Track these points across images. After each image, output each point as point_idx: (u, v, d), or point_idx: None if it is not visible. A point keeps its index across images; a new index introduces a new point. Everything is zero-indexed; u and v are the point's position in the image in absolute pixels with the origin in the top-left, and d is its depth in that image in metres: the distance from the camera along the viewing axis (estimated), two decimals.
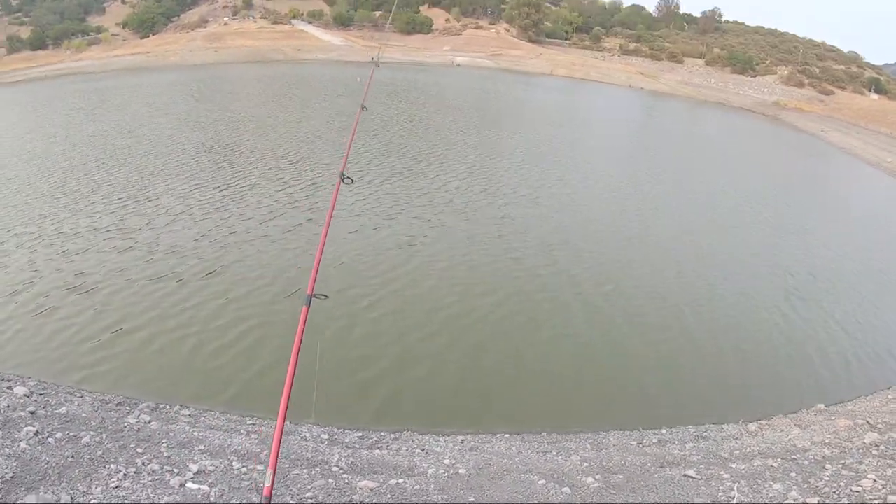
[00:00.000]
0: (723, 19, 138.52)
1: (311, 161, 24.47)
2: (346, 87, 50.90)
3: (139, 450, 7.55)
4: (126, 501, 6.27)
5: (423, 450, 8.72)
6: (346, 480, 7.44)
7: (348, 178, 5.86)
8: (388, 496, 7.14)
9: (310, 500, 6.87)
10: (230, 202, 19.05)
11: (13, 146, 28.87)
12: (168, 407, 9.43)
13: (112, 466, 6.98)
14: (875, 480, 7.43)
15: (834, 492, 7.21)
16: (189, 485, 6.85)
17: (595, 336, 12.70)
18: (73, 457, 6.99)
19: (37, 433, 7.34)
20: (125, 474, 6.84)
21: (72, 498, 6.13)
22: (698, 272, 16.62)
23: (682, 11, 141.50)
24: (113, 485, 6.55)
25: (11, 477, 6.27)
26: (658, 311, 13.96)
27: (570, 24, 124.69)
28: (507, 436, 9.48)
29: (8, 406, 8.08)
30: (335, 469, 7.79)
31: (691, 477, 7.78)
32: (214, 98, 44.02)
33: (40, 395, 8.96)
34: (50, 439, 7.29)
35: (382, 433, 9.27)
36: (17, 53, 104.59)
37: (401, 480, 7.55)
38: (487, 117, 40.05)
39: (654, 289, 15.10)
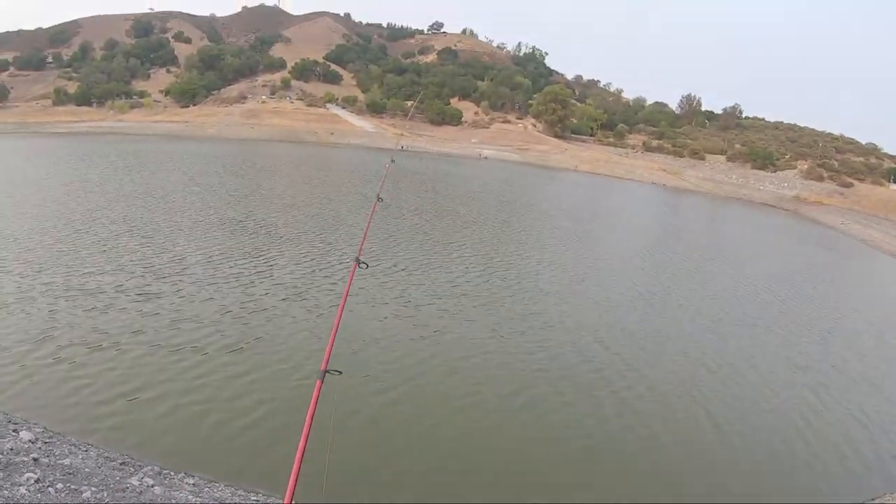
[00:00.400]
0: (743, 115, 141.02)
1: (341, 244, 24.69)
2: (377, 174, 51.89)
3: None
4: None
5: None
6: None
7: (364, 263, 5.94)
8: None
9: None
10: (257, 278, 19.12)
11: (52, 195, 30.06)
12: (172, 473, 9.23)
13: None
14: None
15: None
16: None
17: (626, 438, 12.28)
18: None
19: (37, 481, 7.22)
20: None
21: None
22: (725, 368, 16.30)
23: (703, 108, 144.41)
24: None
25: None
26: (689, 411, 13.62)
27: (594, 121, 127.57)
28: None
29: (11, 449, 7.98)
30: None
31: None
32: (248, 173, 45.03)
33: (45, 443, 8.85)
34: (50, 489, 7.16)
35: None
36: (63, 106, 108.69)
37: None
38: (513, 210, 40.52)
39: (684, 387, 14.77)
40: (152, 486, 8.34)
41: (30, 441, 8.60)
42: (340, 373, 4.48)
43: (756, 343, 18.96)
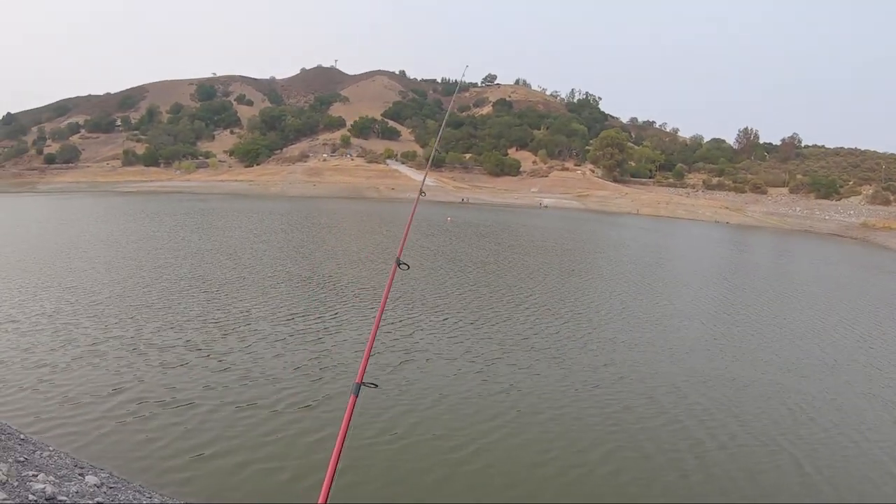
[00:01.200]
0: (802, 144, 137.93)
1: (409, 299, 24.25)
2: (438, 226, 52.08)
3: None
4: None
5: None
6: None
7: (405, 264, 5.59)
8: None
9: None
10: (326, 336, 18.84)
11: (124, 251, 31.45)
12: None
13: None
14: None
15: None
16: None
17: (706, 494, 11.57)
18: None
19: None
20: None
21: None
22: (808, 412, 15.17)
23: (761, 140, 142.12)
24: None
25: None
26: (774, 462, 12.63)
27: (653, 163, 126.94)
28: None
29: (77, 492, 7.85)
30: None
31: None
32: (312, 230, 45.74)
33: (110, 488, 8.71)
34: None
35: None
36: (131, 167, 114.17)
37: None
38: (576, 259, 39.91)
39: (769, 437, 13.74)
40: None
41: (95, 485, 8.50)
42: (376, 385, 4.01)
43: (839, 382, 17.68)
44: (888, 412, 15.65)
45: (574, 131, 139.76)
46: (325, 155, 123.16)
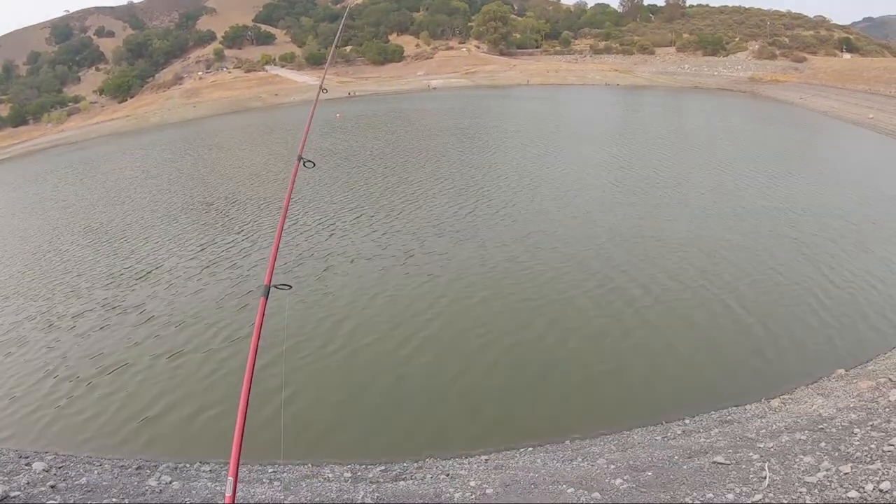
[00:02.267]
0: (687, 4, 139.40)
1: (318, 202, 24.32)
2: (328, 123, 51.23)
3: None
4: None
5: (447, 475, 8.57)
6: None
7: (310, 161, 5.84)
8: None
9: None
10: (240, 259, 18.81)
11: (10, 225, 29.40)
12: (188, 465, 9.32)
13: None
14: None
15: (866, 455, 6.96)
16: None
17: (609, 330, 12.65)
18: None
19: None
20: None
21: None
22: (729, 259, 16.55)
23: (646, 2, 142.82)
24: None
25: None
26: (707, 306, 13.86)
27: (538, 33, 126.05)
28: (530, 449, 9.36)
29: (28, 483, 8.03)
30: None
31: (720, 463, 7.62)
32: (201, 153, 44.04)
33: (59, 468, 8.89)
34: None
35: (405, 464, 9.13)
36: None
37: None
38: (477, 137, 40.22)
39: (696, 283, 15.00)
40: (171, 483, 8.45)
41: (44, 470, 8.66)
42: (290, 287, 4.04)
43: (748, 227, 19.21)
44: (796, 249, 17.17)
45: (455, 9, 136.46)
46: (200, 73, 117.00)
